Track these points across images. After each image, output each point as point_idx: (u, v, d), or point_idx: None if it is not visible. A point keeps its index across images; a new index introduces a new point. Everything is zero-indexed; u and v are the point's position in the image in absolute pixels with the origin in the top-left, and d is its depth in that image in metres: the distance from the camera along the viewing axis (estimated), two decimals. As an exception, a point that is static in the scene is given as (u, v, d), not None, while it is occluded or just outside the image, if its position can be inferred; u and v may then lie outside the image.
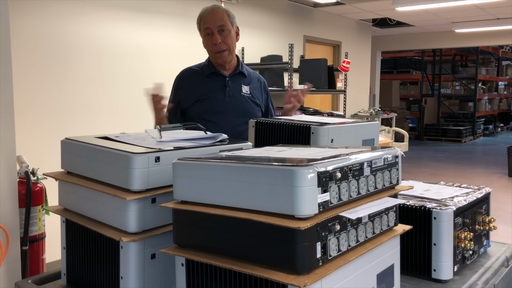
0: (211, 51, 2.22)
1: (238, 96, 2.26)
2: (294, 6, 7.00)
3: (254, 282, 0.90)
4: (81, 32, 4.19)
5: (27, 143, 3.72)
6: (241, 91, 2.28)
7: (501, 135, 15.94)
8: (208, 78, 2.25)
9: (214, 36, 2.16)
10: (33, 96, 3.84)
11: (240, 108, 2.24)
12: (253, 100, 2.31)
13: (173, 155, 1.14)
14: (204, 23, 2.18)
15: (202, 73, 2.26)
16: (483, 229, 1.52)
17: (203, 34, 2.21)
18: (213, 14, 2.18)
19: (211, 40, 2.18)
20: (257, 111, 2.32)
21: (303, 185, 0.85)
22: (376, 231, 1.06)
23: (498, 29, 9.07)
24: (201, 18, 2.20)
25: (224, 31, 2.18)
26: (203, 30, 2.19)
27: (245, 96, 2.29)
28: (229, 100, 2.22)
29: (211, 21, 2.16)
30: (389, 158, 1.11)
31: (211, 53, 2.23)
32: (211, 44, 2.18)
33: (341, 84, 6.91)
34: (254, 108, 2.31)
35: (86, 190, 1.20)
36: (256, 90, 2.36)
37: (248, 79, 2.34)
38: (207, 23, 2.17)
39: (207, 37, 2.19)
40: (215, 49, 2.18)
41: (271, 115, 2.44)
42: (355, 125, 1.62)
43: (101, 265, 1.18)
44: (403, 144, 8.22)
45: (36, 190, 2.37)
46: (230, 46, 2.20)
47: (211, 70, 2.25)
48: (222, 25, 2.17)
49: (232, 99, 2.23)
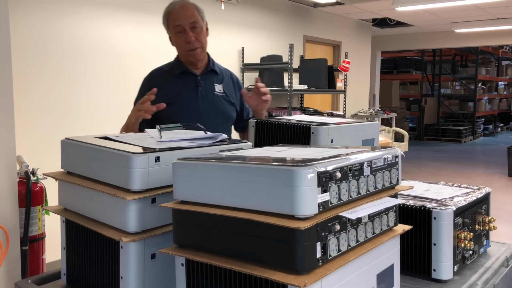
0: (183, 50, 2.09)
1: (212, 96, 2.14)
2: (294, 6, 7.00)
3: (254, 282, 0.90)
4: (81, 32, 4.19)
5: (27, 143, 3.72)
6: (214, 90, 2.15)
7: (501, 135, 15.94)
8: (178, 78, 2.13)
9: (187, 33, 2.04)
10: (33, 96, 3.84)
11: (214, 108, 2.12)
12: (227, 99, 2.18)
13: (173, 155, 1.14)
14: (174, 19, 2.05)
15: (171, 73, 2.14)
16: (483, 229, 1.52)
17: (172, 31, 2.08)
18: (184, 10, 2.05)
19: (183, 37, 2.05)
20: (232, 110, 2.20)
21: (303, 185, 0.85)
22: (376, 231, 1.06)
23: (498, 29, 9.07)
24: (169, 15, 2.07)
25: (197, 28, 2.06)
26: (173, 27, 2.06)
27: (219, 95, 2.16)
28: (202, 101, 2.10)
29: (182, 18, 2.04)
30: (389, 158, 1.11)
31: (182, 51, 2.10)
32: (183, 42, 2.06)
33: (341, 84, 6.91)
34: (229, 108, 2.19)
35: (86, 190, 1.20)
36: (230, 88, 2.23)
37: (220, 76, 2.21)
38: (178, 20, 2.04)
39: (178, 34, 2.06)
40: (188, 47, 2.06)
41: (247, 113, 2.28)
42: (355, 125, 1.62)
43: (101, 265, 1.18)
44: (403, 144, 8.22)
45: (36, 190, 2.37)
46: (203, 43, 2.10)
47: (181, 69, 2.13)
48: (194, 22, 2.05)
49: (205, 99, 2.11)
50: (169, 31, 2.11)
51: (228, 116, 2.18)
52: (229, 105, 2.18)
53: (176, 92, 2.09)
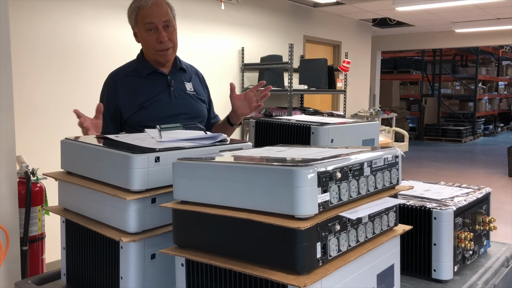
0: (152, 49, 1.94)
1: (184, 96, 2.03)
2: (294, 6, 7.00)
3: (254, 282, 0.90)
4: (81, 32, 4.19)
5: (27, 143, 3.72)
6: (185, 89, 2.05)
7: (501, 135, 15.94)
8: (147, 79, 1.98)
9: (160, 33, 1.91)
10: (33, 96, 3.84)
11: (188, 108, 2.01)
12: (198, 97, 2.09)
13: (173, 155, 1.14)
14: (146, 16, 1.90)
15: (138, 75, 1.98)
16: (483, 229, 1.52)
17: (142, 28, 1.92)
18: (157, 7, 1.91)
19: (154, 36, 1.92)
20: (204, 108, 2.10)
21: (303, 185, 0.85)
22: (376, 231, 1.06)
23: (498, 29, 9.08)
24: (139, 9, 1.92)
25: (170, 27, 1.94)
26: (144, 24, 1.91)
27: (191, 94, 2.05)
28: (175, 102, 1.99)
29: (156, 16, 1.90)
30: (389, 158, 1.10)
31: (152, 50, 1.95)
32: (154, 41, 1.92)
33: (341, 84, 6.91)
34: (201, 106, 2.09)
35: (86, 190, 1.20)
36: (198, 85, 2.14)
37: (188, 74, 2.11)
38: (151, 17, 1.90)
39: (149, 32, 1.92)
40: (159, 47, 1.93)
41: (213, 112, 2.20)
42: (355, 125, 1.62)
43: (101, 265, 1.18)
44: (403, 144, 8.22)
45: (36, 190, 2.37)
46: (175, 43, 1.98)
47: (149, 70, 1.99)
48: (168, 21, 1.93)
49: (178, 100, 2.00)
50: (136, 26, 1.96)
51: (202, 116, 2.09)
52: (201, 103, 2.10)
53: (147, 95, 1.95)
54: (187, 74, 2.11)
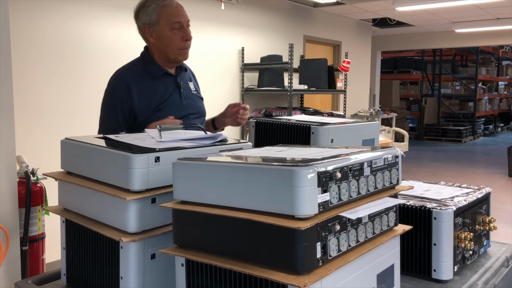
0: (176, 47, 1.95)
1: (191, 96, 2.05)
2: (294, 6, 7.00)
3: (254, 282, 0.90)
4: (81, 32, 4.19)
5: (27, 143, 3.72)
6: (191, 89, 2.07)
7: (501, 135, 15.94)
8: (157, 80, 1.97)
9: (185, 31, 1.94)
10: (33, 96, 3.84)
11: (195, 108, 2.04)
12: (199, 96, 2.12)
13: (173, 155, 1.14)
14: (173, 15, 1.93)
15: (150, 76, 1.96)
16: (483, 229, 1.52)
17: (168, 27, 1.93)
18: (181, 8, 1.96)
19: (179, 35, 1.94)
20: (204, 106, 2.12)
21: (303, 185, 0.85)
22: (376, 231, 1.06)
23: (498, 29, 9.07)
24: (163, 8, 1.93)
25: (189, 27, 1.99)
26: (171, 23, 1.93)
27: (195, 94, 2.08)
28: (185, 102, 2.00)
29: (182, 15, 1.95)
30: (389, 158, 1.10)
31: (175, 49, 1.95)
32: (179, 39, 1.94)
33: (341, 84, 6.91)
34: (203, 105, 2.12)
35: (86, 190, 1.20)
36: (196, 83, 2.15)
37: (188, 74, 2.12)
38: (178, 16, 1.93)
39: (175, 31, 1.93)
40: (184, 45, 1.95)
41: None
42: (355, 125, 1.62)
43: (101, 265, 1.18)
44: (403, 144, 8.22)
45: (36, 190, 2.37)
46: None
47: (161, 71, 1.98)
48: (188, 21, 1.98)
49: (187, 101, 2.01)
50: (157, 25, 1.94)
51: (205, 114, 2.11)
52: (201, 101, 2.13)
53: (161, 96, 1.94)
54: (188, 73, 2.12)
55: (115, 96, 1.94)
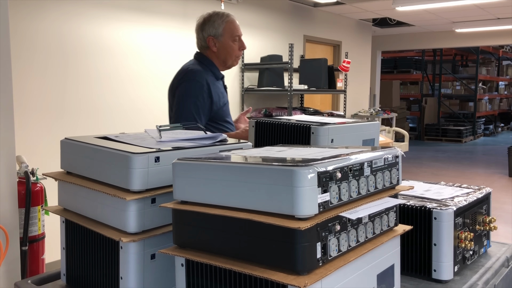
0: (235, 56, 2.34)
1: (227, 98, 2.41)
2: (294, 6, 7.00)
3: (254, 282, 0.90)
4: (80, 32, 4.19)
5: (27, 143, 3.72)
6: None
7: (501, 135, 15.94)
8: (218, 81, 2.34)
9: (241, 42, 2.35)
10: (33, 96, 3.84)
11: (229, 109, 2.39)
12: None
13: (173, 155, 1.13)
14: (235, 29, 2.33)
15: (216, 77, 2.33)
16: (483, 229, 1.52)
17: (230, 38, 2.31)
18: (237, 24, 2.35)
19: (237, 45, 2.33)
20: None
21: (303, 185, 0.85)
22: (376, 231, 1.06)
23: (498, 29, 9.07)
24: (227, 23, 2.31)
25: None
26: (234, 36, 2.32)
27: None
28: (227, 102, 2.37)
29: (239, 29, 2.35)
30: (390, 158, 1.10)
31: (233, 56, 2.34)
32: (237, 49, 2.34)
33: (341, 84, 6.90)
34: None
35: (86, 190, 1.20)
36: None
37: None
38: (238, 30, 2.33)
39: (235, 42, 2.33)
40: (239, 54, 2.36)
41: None
42: (355, 125, 1.62)
43: (100, 266, 1.18)
44: (404, 144, 8.21)
45: (36, 190, 2.37)
46: None
47: (221, 75, 2.36)
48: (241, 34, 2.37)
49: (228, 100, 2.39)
50: (221, 36, 2.31)
51: None
52: None
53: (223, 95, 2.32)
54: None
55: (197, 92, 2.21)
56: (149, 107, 4.77)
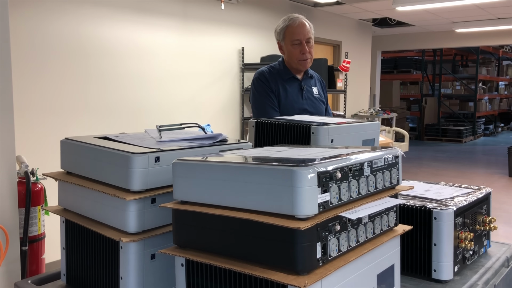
0: (296, 59, 2.44)
1: (312, 98, 2.53)
2: (294, 6, 7.00)
3: (254, 282, 0.90)
4: (81, 32, 4.18)
5: (27, 143, 3.72)
6: (313, 92, 2.55)
7: (501, 135, 15.93)
8: (285, 81, 2.48)
9: (302, 46, 2.42)
10: (33, 96, 3.84)
11: (312, 107, 2.50)
12: (321, 99, 2.59)
13: (173, 155, 1.13)
14: (293, 33, 2.42)
15: (280, 77, 2.49)
16: (483, 229, 1.52)
17: (289, 43, 2.44)
18: (303, 27, 2.43)
19: (298, 49, 2.42)
20: (323, 108, 2.60)
21: (303, 185, 0.85)
22: (376, 231, 1.06)
23: (498, 29, 9.07)
24: (288, 28, 2.44)
25: (310, 43, 2.45)
26: (292, 40, 2.43)
27: (316, 97, 2.56)
28: (304, 101, 2.49)
29: (301, 33, 2.42)
30: (389, 158, 1.10)
31: (295, 60, 2.45)
32: (299, 53, 2.43)
33: (341, 84, 6.90)
34: (322, 106, 2.58)
35: (86, 190, 1.20)
36: (320, 90, 2.63)
37: (313, 80, 2.59)
38: (297, 34, 2.42)
39: (294, 46, 2.43)
40: (301, 57, 2.44)
41: (328, 112, 2.70)
42: (355, 125, 1.62)
43: (100, 266, 1.18)
44: (404, 144, 8.21)
45: (36, 190, 2.37)
46: (312, 55, 2.49)
47: (289, 75, 2.50)
48: (309, 38, 2.45)
49: (307, 100, 2.50)
50: (283, 41, 2.47)
51: (321, 113, 2.56)
52: (322, 104, 2.59)
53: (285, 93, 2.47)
54: (313, 80, 2.61)
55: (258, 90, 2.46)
56: (149, 107, 4.77)
